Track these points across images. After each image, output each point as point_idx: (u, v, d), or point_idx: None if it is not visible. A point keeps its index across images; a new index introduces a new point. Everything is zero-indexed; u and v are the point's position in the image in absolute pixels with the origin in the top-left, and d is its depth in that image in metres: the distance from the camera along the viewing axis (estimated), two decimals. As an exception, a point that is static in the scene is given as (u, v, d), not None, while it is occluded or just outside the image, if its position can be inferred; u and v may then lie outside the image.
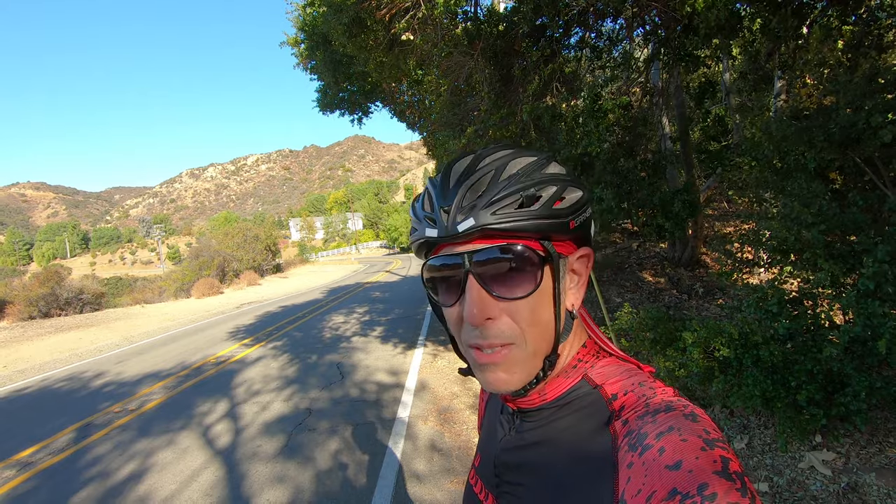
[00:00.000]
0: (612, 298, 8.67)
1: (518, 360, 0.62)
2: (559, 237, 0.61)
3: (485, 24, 5.92)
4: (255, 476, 4.09)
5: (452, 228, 0.59)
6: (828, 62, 5.15)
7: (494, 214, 0.58)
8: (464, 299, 0.61)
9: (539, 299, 0.61)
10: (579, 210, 0.61)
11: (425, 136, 13.63)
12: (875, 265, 2.92)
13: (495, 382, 0.62)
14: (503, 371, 0.62)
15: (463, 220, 0.59)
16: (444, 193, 0.62)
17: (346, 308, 14.83)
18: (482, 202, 0.58)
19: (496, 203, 0.58)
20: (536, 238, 0.60)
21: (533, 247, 0.59)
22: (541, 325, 0.61)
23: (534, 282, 0.60)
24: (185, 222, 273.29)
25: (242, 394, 6.46)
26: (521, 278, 0.60)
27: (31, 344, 13.16)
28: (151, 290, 30.87)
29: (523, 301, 0.60)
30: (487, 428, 0.84)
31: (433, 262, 0.64)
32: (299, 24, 11.13)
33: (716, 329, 3.52)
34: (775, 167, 4.07)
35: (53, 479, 4.36)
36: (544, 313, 0.62)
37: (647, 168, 5.86)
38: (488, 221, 0.57)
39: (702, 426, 0.51)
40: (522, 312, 0.60)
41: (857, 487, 2.97)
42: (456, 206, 0.60)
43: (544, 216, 0.58)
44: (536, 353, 0.62)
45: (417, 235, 0.65)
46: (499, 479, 0.73)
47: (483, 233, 0.58)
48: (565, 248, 0.63)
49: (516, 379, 0.62)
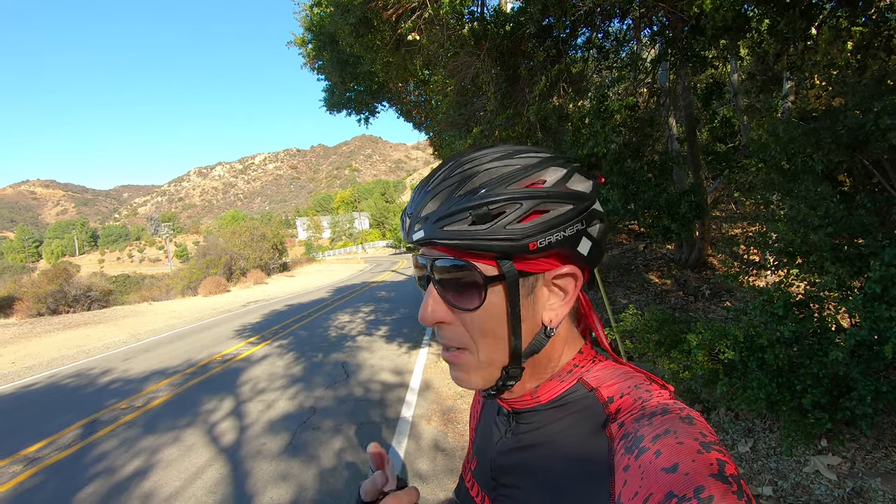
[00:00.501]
0: (617, 300, 8.64)
1: (471, 366, 0.64)
2: (522, 256, 0.58)
3: (491, 24, 5.91)
4: (259, 474, 4.11)
5: (409, 236, 0.62)
6: (836, 63, 5.10)
7: (442, 230, 0.57)
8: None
9: (488, 315, 0.60)
10: (552, 229, 0.57)
11: (432, 136, 13.63)
12: (882, 268, 2.89)
13: (456, 379, 0.66)
14: (461, 371, 0.65)
15: (418, 230, 0.60)
16: (414, 199, 0.63)
17: (352, 307, 14.86)
18: (435, 215, 0.59)
19: (446, 219, 0.57)
20: (492, 257, 0.58)
21: (484, 264, 0.58)
22: (492, 338, 0.61)
23: (478, 299, 0.59)
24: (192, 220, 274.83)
25: (248, 392, 6.49)
26: (469, 293, 0.60)
27: (39, 340, 13.28)
28: (159, 287, 31.09)
29: (474, 313, 0.60)
30: (483, 430, 0.84)
31: (416, 258, 0.67)
32: (306, 24, 11.17)
33: (721, 331, 3.49)
34: (782, 169, 4.04)
35: (60, 475, 4.40)
36: (497, 329, 0.61)
37: (653, 169, 5.83)
38: (435, 236, 0.58)
39: (698, 429, 0.50)
40: (473, 323, 0.61)
41: (863, 492, 2.94)
42: (415, 216, 0.61)
43: (493, 237, 0.56)
44: (491, 363, 0.63)
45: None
46: (495, 481, 0.72)
47: (433, 244, 0.60)
48: (537, 266, 0.60)
49: (473, 382, 0.65)
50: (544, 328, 0.63)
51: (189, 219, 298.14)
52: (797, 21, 4.29)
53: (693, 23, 4.70)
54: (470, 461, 0.85)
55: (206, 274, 30.02)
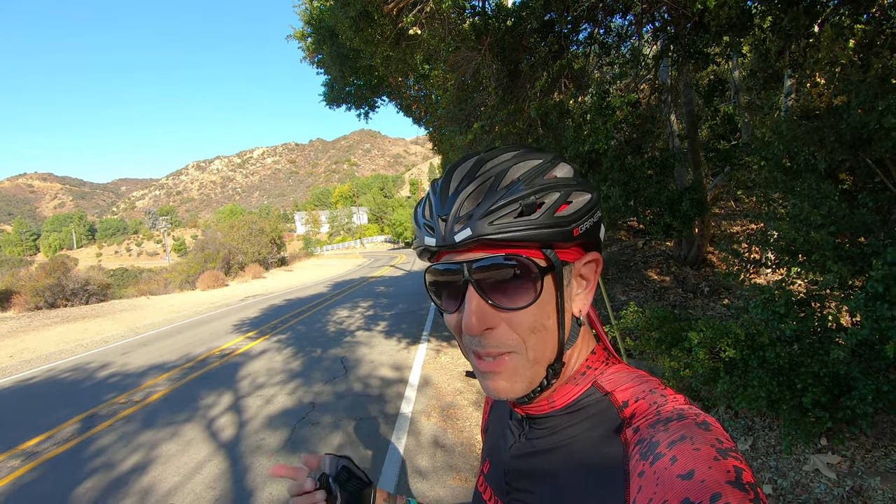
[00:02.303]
0: (616, 296, 8.65)
1: (518, 369, 0.61)
2: (562, 245, 0.59)
3: (493, 19, 5.88)
4: (258, 469, 4.11)
5: (450, 238, 0.58)
6: (839, 61, 5.08)
7: (492, 224, 0.56)
8: (463, 307, 0.60)
9: (540, 309, 0.59)
10: (585, 215, 0.59)
11: (431, 132, 13.61)
12: (885, 268, 2.88)
13: (496, 390, 0.62)
14: (503, 379, 0.61)
15: (460, 229, 0.57)
16: (443, 201, 0.61)
17: (351, 302, 14.85)
18: (479, 212, 0.57)
19: (494, 213, 0.56)
20: (537, 247, 0.58)
21: (533, 256, 0.58)
22: (542, 333, 0.60)
23: (534, 292, 0.58)
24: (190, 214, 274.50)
25: (246, 387, 6.49)
26: (521, 289, 0.58)
27: (37, 334, 13.25)
28: (157, 281, 31.02)
29: (524, 310, 0.59)
30: (496, 434, 0.83)
31: (435, 268, 0.63)
32: (306, 18, 11.13)
33: (722, 329, 3.49)
34: (785, 167, 4.03)
35: (58, 470, 4.40)
36: (547, 322, 0.60)
37: (654, 166, 5.82)
38: (485, 232, 0.56)
39: (714, 435, 0.50)
40: (523, 322, 0.59)
41: (862, 491, 2.95)
42: (453, 216, 0.58)
43: (545, 225, 0.56)
44: (538, 361, 0.61)
45: (418, 242, 0.64)
46: (509, 486, 0.72)
47: (480, 243, 0.57)
48: (570, 255, 0.61)
49: (518, 387, 0.62)
50: (576, 319, 0.65)
51: (187, 213, 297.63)
52: (800, 18, 4.27)
53: (696, 19, 4.67)
54: (482, 464, 0.84)
55: (204, 268, 29.96)
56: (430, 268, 0.65)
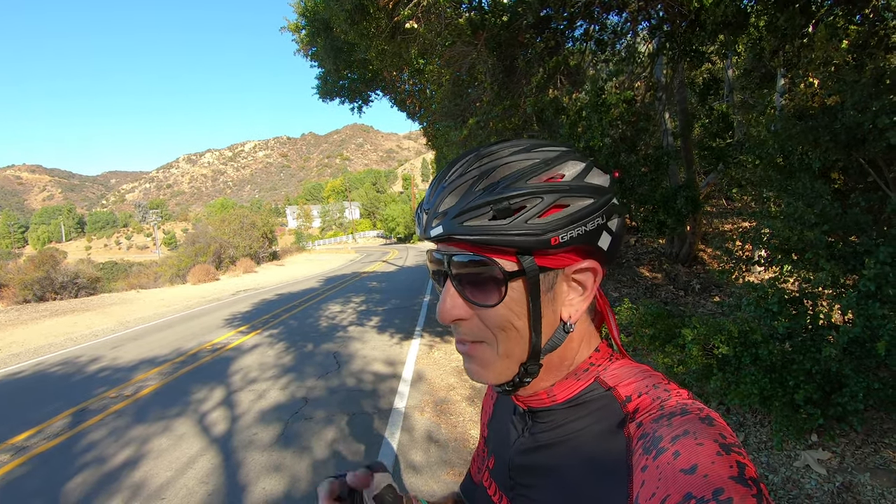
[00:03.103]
0: (609, 293, 8.69)
1: (489, 359, 0.63)
2: (543, 252, 0.58)
3: (489, 14, 5.87)
4: (251, 464, 4.10)
5: (427, 231, 0.61)
6: (833, 61, 5.12)
7: (462, 226, 0.56)
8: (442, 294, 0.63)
9: (508, 310, 0.59)
10: (573, 223, 0.56)
11: (425, 127, 13.56)
12: (876, 266, 2.92)
13: (470, 371, 0.65)
14: (476, 364, 0.64)
15: (436, 225, 0.59)
16: (431, 194, 0.62)
17: (343, 297, 14.82)
18: (454, 210, 0.57)
19: (466, 213, 0.56)
20: (512, 252, 0.57)
21: (503, 259, 0.57)
22: (511, 332, 0.60)
23: (498, 295, 0.58)
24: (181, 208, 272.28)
25: (238, 381, 6.46)
26: (488, 288, 0.59)
27: (25, 328, 13.12)
28: (147, 275, 30.80)
29: (493, 309, 0.59)
30: (499, 429, 0.84)
31: (432, 254, 0.66)
32: (300, 10, 11.03)
33: (715, 327, 3.52)
34: (779, 166, 4.06)
35: (48, 465, 4.36)
36: (517, 323, 0.60)
37: (649, 163, 5.84)
38: (454, 231, 0.57)
39: (717, 430, 0.50)
40: (491, 318, 0.60)
41: (852, 487, 2.99)
42: (433, 211, 0.60)
43: (515, 232, 0.55)
44: (509, 357, 0.62)
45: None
46: (513, 481, 0.72)
47: (451, 240, 0.58)
48: (555, 261, 0.59)
49: (489, 375, 0.64)
50: (563, 324, 0.63)
51: (178, 206, 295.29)
52: (796, 17, 4.30)
53: (692, 17, 4.69)
54: (486, 460, 0.84)
55: (194, 262, 29.78)
56: (429, 252, 0.67)
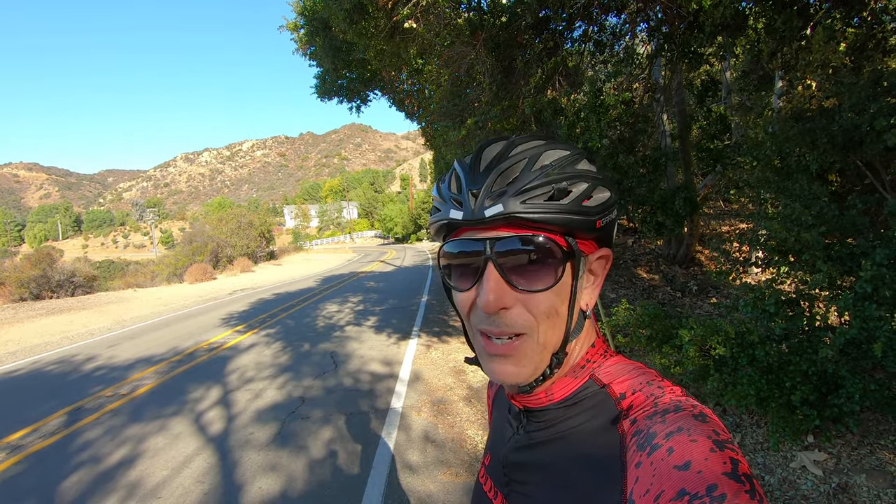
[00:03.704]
0: (606, 294, 8.70)
1: (528, 352, 0.61)
2: (583, 235, 0.61)
3: (488, 14, 5.87)
4: (247, 464, 4.09)
5: (479, 213, 0.59)
6: (830, 64, 5.13)
7: (524, 203, 0.57)
8: (480, 285, 0.60)
9: (557, 294, 0.60)
10: (606, 210, 0.61)
11: (424, 127, 13.55)
12: (873, 268, 2.93)
13: (502, 374, 0.62)
14: (512, 364, 0.62)
15: (491, 205, 0.58)
16: (474, 176, 0.61)
17: (340, 297, 14.80)
18: (513, 189, 0.58)
19: (527, 192, 0.57)
20: (561, 233, 0.59)
21: (557, 241, 0.59)
22: (555, 318, 0.61)
23: (554, 276, 0.59)
24: (178, 207, 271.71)
25: (235, 381, 6.44)
26: (542, 271, 0.59)
27: (21, 326, 13.07)
28: (144, 274, 30.72)
29: (542, 293, 0.59)
30: (496, 427, 0.84)
31: (452, 245, 0.64)
32: (299, 9, 11.01)
33: (713, 327, 3.53)
34: (776, 167, 4.07)
35: (44, 463, 4.34)
36: (560, 308, 0.61)
37: (647, 165, 5.85)
38: (517, 210, 0.57)
39: (711, 427, 0.50)
40: (540, 304, 0.60)
41: (848, 488, 2.99)
42: (485, 191, 0.59)
43: (573, 212, 0.58)
44: (546, 347, 0.62)
45: (440, 216, 0.64)
46: (508, 478, 0.72)
47: (509, 220, 0.58)
48: (587, 247, 0.63)
49: (524, 372, 0.62)
50: (582, 312, 0.66)
51: (175, 205, 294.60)
52: (794, 20, 4.31)
53: (691, 19, 4.70)
54: (484, 457, 0.85)
55: (192, 261, 29.70)
56: (444, 245, 0.65)
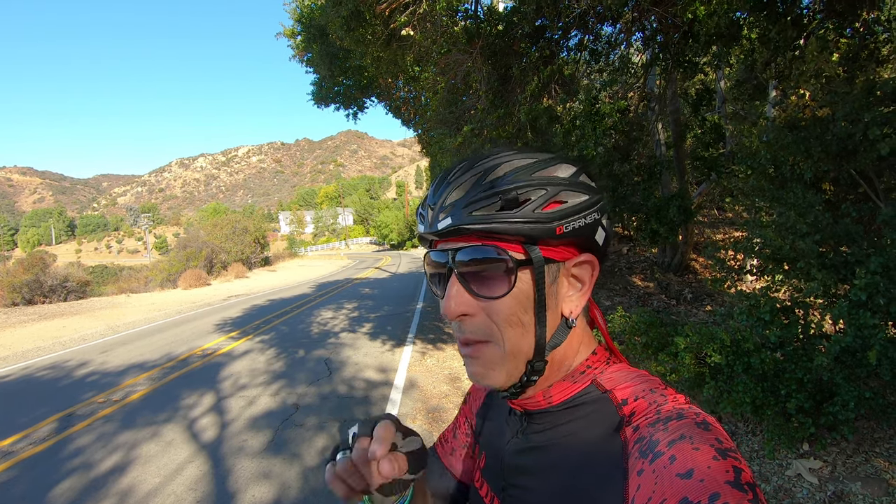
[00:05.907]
0: (601, 301, 8.70)
1: (495, 359, 0.62)
2: (549, 242, 0.60)
3: (484, 23, 5.91)
4: (240, 471, 4.05)
5: (433, 226, 0.62)
6: (824, 74, 5.19)
7: (470, 216, 0.58)
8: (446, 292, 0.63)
9: (516, 302, 0.60)
10: (573, 215, 0.59)
11: (420, 134, 13.60)
12: (867, 276, 2.94)
13: (475, 375, 0.65)
14: (480, 366, 0.64)
15: (443, 218, 0.60)
16: (435, 191, 0.64)
17: (335, 303, 14.75)
18: (462, 202, 0.59)
19: (474, 204, 0.58)
20: (519, 242, 0.59)
21: (511, 249, 0.59)
22: (518, 327, 0.61)
23: (507, 283, 0.59)
24: (173, 212, 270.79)
25: (229, 387, 6.40)
26: (496, 279, 0.60)
27: (13, 331, 12.95)
28: (137, 279, 30.53)
29: (501, 301, 0.60)
30: (493, 428, 0.83)
31: (429, 255, 0.67)
32: (296, 16, 11.06)
33: (708, 335, 3.53)
34: (770, 176, 4.09)
35: (35, 470, 4.29)
36: (523, 317, 0.61)
37: (642, 173, 5.88)
38: (463, 222, 0.58)
39: (714, 435, 0.50)
40: (500, 312, 0.60)
41: (843, 496, 2.99)
42: (439, 205, 0.62)
43: (524, 220, 0.58)
44: (516, 355, 0.62)
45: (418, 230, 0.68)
46: (505, 482, 0.72)
47: (459, 232, 0.60)
48: (558, 254, 0.62)
49: (494, 377, 0.63)
50: (565, 320, 0.64)
51: (169, 210, 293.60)
52: (788, 30, 4.35)
53: (685, 29, 4.74)
54: (478, 459, 0.84)
55: (186, 266, 29.52)
56: (426, 254, 0.68)
